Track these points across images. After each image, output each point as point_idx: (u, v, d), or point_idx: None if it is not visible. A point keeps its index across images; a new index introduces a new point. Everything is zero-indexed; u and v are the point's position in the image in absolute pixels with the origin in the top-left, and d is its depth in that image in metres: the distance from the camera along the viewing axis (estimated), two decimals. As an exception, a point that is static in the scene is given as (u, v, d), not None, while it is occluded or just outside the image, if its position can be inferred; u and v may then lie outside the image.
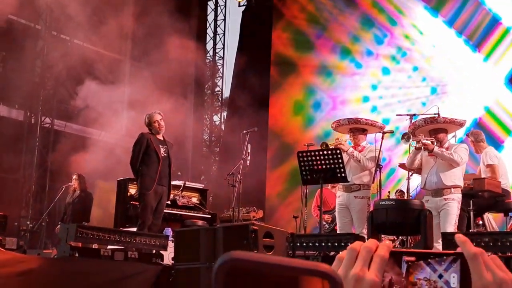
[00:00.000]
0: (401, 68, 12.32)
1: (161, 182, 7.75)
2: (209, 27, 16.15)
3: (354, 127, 7.53)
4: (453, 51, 11.77)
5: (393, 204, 6.18)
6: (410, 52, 12.26)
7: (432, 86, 11.90)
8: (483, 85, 11.27)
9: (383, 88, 12.48)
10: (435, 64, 11.88)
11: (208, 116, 16.18)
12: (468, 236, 4.19)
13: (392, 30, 12.60)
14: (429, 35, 12.12)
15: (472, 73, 11.50)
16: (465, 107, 11.10)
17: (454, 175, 6.75)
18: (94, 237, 6.36)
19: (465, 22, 11.76)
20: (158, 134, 7.91)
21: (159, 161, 7.72)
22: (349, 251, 0.87)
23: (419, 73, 12.08)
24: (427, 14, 12.24)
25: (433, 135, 6.92)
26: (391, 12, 12.65)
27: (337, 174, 6.94)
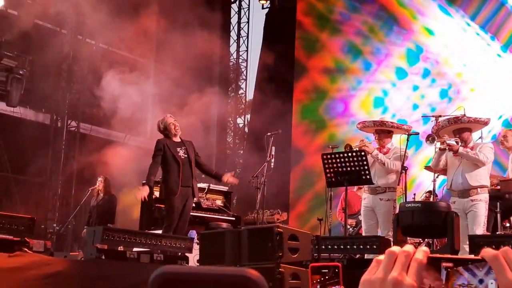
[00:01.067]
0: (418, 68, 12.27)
1: (185, 183, 7.72)
2: (233, 30, 16.19)
3: (380, 129, 7.49)
4: (472, 48, 11.73)
5: (419, 207, 6.14)
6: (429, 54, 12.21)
7: (444, 88, 11.84)
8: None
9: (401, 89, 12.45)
10: (452, 63, 11.82)
11: (232, 119, 16.21)
12: (495, 239, 4.16)
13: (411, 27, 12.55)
14: (444, 35, 12.06)
15: (493, 69, 11.45)
16: (491, 105, 11.04)
17: (480, 175, 6.68)
18: (120, 240, 6.41)
19: (486, 18, 11.69)
20: (175, 137, 7.88)
21: (179, 164, 7.69)
22: (387, 255, 0.88)
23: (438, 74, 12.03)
24: (442, 14, 12.22)
25: (457, 135, 6.86)
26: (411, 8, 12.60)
27: (362, 176, 6.91)
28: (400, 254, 0.87)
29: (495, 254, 0.85)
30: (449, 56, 12.07)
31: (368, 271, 0.89)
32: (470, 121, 6.85)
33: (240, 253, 5.79)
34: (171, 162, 7.68)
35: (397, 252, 0.87)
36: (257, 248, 5.65)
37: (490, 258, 0.85)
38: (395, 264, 0.86)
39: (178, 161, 7.69)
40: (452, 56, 12.02)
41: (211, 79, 14.31)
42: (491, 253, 0.85)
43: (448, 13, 12.18)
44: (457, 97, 11.70)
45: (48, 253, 8.11)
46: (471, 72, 11.81)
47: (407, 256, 0.86)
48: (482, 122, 6.95)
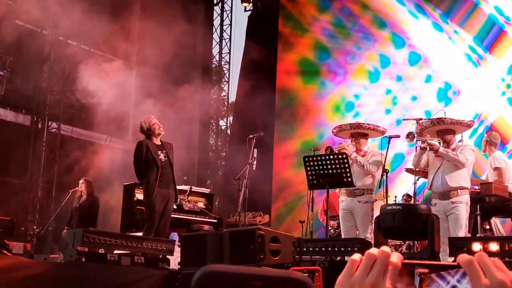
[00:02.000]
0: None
1: (164, 186, 7.74)
2: (215, 32, 16.17)
3: (356, 131, 7.53)
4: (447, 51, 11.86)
5: (399, 209, 6.17)
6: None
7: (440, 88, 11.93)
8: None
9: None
10: (446, 67, 11.93)
11: (214, 121, 16.19)
12: (474, 241, 4.18)
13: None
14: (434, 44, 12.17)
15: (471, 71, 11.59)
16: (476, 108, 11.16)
17: (460, 177, 6.72)
18: (101, 242, 6.38)
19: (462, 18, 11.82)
20: (156, 139, 7.87)
21: (159, 167, 7.71)
22: (367, 257, 0.88)
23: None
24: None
25: (440, 136, 6.91)
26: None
27: (344, 179, 6.93)
28: (380, 257, 0.87)
29: (470, 259, 0.85)
30: (424, 58, 12.18)
31: (344, 272, 0.89)
32: (453, 122, 6.90)
33: (222, 255, 5.78)
34: (151, 165, 7.70)
35: (376, 255, 0.87)
36: (238, 251, 5.65)
37: (464, 264, 0.85)
38: (374, 267, 0.86)
39: (158, 164, 7.70)
40: (427, 58, 12.13)
41: (193, 81, 14.28)
42: (466, 258, 0.86)
43: (424, 13, 12.28)
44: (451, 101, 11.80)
45: (28, 256, 8.07)
46: (446, 75, 11.90)
47: (386, 259, 0.86)
48: (465, 124, 7.01)
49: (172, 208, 8.08)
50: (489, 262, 0.85)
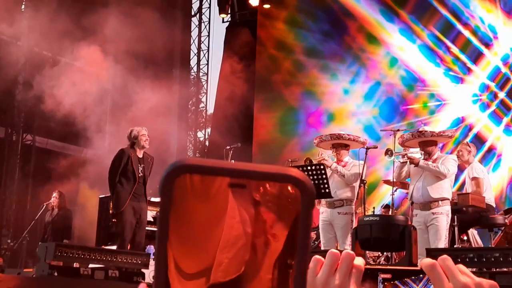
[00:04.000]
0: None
1: (136, 199, 7.56)
2: (193, 43, 16.10)
3: (337, 142, 7.49)
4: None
5: (377, 220, 6.14)
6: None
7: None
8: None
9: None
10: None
11: (192, 132, 16.09)
12: (452, 252, 4.16)
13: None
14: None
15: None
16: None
17: (442, 188, 6.70)
18: (74, 256, 6.26)
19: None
20: (139, 151, 7.72)
21: (135, 180, 7.54)
22: (330, 257, 0.83)
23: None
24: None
25: (421, 147, 6.89)
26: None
27: (321, 190, 6.89)
28: (344, 259, 0.82)
29: (432, 263, 0.82)
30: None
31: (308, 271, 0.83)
32: (434, 135, 6.88)
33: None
34: (129, 177, 7.53)
35: (339, 255, 0.82)
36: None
37: (427, 268, 0.82)
38: (338, 269, 0.82)
39: (135, 178, 7.54)
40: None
41: (171, 93, 14.18)
42: (428, 263, 0.83)
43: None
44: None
45: (0, 270, 7.89)
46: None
47: (350, 261, 0.82)
48: (445, 135, 7.00)
49: (146, 221, 7.89)
50: (453, 266, 0.82)
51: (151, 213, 9.97)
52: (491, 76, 11.41)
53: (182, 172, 0.58)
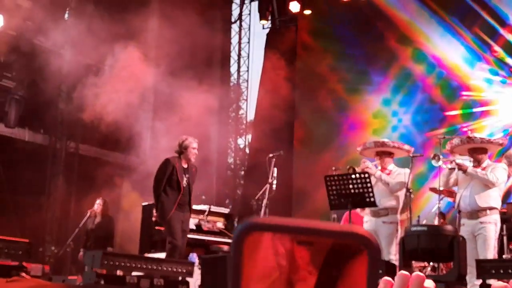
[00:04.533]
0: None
1: (180, 209, 7.53)
2: (233, 50, 16.15)
3: (381, 150, 7.39)
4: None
5: (425, 230, 6.02)
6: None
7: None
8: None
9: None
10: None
11: (232, 139, 16.12)
12: (502, 263, 4.05)
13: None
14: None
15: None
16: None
17: (490, 196, 6.54)
18: (120, 264, 6.30)
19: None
20: (186, 162, 7.69)
21: (180, 190, 7.53)
22: (400, 278, 0.80)
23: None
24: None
25: (471, 154, 6.76)
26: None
27: (366, 198, 6.80)
28: (414, 280, 0.78)
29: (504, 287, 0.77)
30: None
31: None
32: (483, 141, 6.74)
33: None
34: (173, 186, 7.50)
35: (409, 277, 0.79)
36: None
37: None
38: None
39: (180, 188, 7.52)
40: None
41: (211, 99, 14.23)
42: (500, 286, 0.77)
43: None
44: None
45: (46, 278, 7.99)
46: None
47: (420, 283, 0.78)
48: (496, 143, 6.85)
49: (188, 230, 7.89)
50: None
51: (193, 221, 10.01)
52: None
53: (252, 230, 0.62)
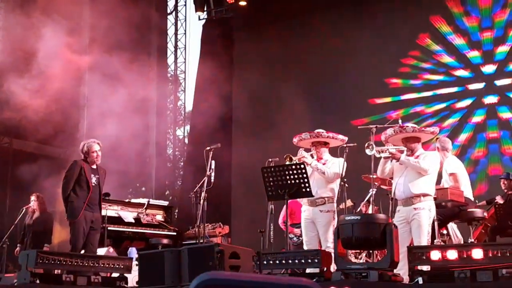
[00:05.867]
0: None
1: (90, 209, 7.69)
2: (170, 41, 16.05)
3: (316, 140, 7.50)
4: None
5: (358, 219, 6.15)
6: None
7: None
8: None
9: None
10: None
11: (171, 131, 16.05)
12: (432, 250, 4.17)
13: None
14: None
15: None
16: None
17: (423, 183, 6.71)
18: (56, 262, 6.23)
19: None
20: (92, 164, 7.90)
21: (89, 190, 7.71)
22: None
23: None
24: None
25: (405, 143, 6.92)
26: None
27: (302, 189, 6.90)
28: None
29: None
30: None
31: None
32: (415, 130, 6.90)
33: (180, 272, 5.69)
34: (83, 186, 7.70)
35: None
36: (197, 268, 5.57)
37: None
38: None
39: (89, 187, 7.70)
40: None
41: (149, 91, 14.13)
42: None
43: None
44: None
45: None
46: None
47: None
48: (428, 131, 7.02)
49: (100, 228, 7.97)
50: None
51: (132, 214, 9.97)
52: None
53: (208, 284, 0.65)
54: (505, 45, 11.54)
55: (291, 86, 13.07)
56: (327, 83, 13.08)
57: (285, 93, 13.26)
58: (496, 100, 11.48)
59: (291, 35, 13.62)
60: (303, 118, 12.47)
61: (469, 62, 11.83)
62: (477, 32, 11.83)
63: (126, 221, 9.76)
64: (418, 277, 5.76)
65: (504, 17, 11.62)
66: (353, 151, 7.36)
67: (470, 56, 11.83)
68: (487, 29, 11.76)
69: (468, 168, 9.14)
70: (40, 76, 10.96)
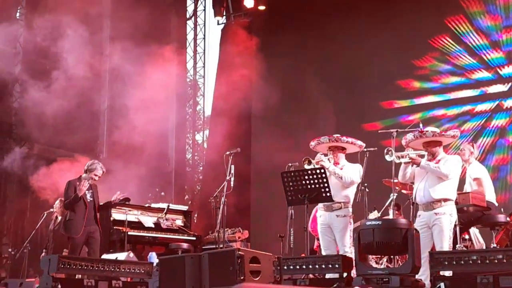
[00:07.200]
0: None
1: (88, 224, 8.14)
2: (189, 46, 16.12)
3: (334, 145, 7.47)
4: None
5: (379, 224, 6.11)
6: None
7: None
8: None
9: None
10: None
11: (190, 135, 16.09)
12: (455, 255, 4.12)
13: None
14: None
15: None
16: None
17: (444, 188, 6.66)
18: (77, 267, 6.26)
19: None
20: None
21: (86, 206, 8.15)
22: None
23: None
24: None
25: (425, 147, 6.88)
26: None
27: (322, 193, 6.89)
28: None
29: None
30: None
31: None
32: (435, 135, 6.85)
33: (201, 278, 5.68)
34: (80, 204, 8.14)
35: None
36: (218, 273, 5.55)
37: None
38: None
39: (86, 204, 8.15)
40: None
41: (168, 96, 14.18)
42: None
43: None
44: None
45: (2, 284, 7.87)
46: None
47: None
48: (448, 135, 6.96)
49: (99, 241, 8.30)
50: None
51: (152, 219, 10.00)
52: None
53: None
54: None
55: (310, 91, 13.04)
56: (347, 88, 13.04)
57: (304, 98, 13.25)
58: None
59: (310, 39, 13.60)
60: (323, 124, 12.46)
61: (489, 64, 11.73)
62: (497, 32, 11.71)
63: (146, 226, 9.79)
64: (440, 282, 5.71)
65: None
66: (373, 155, 7.33)
67: (491, 58, 11.72)
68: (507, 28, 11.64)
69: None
70: (59, 80, 11.06)
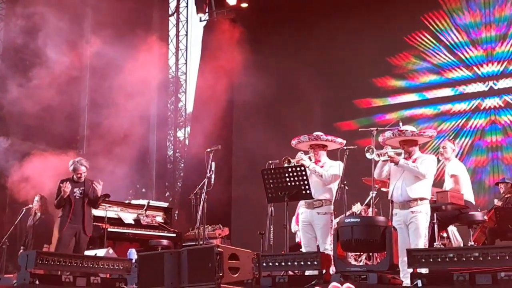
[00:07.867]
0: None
1: (74, 221, 8.30)
2: (171, 43, 16.08)
3: (315, 143, 7.51)
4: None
5: (358, 222, 6.17)
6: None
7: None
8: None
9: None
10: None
11: (172, 132, 16.06)
12: (432, 252, 4.18)
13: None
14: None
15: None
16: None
17: (421, 187, 6.73)
18: (55, 263, 6.24)
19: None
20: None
21: (71, 203, 8.34)
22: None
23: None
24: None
25: (402, 146, 6.93)
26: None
27: (302, 191, 6.93)
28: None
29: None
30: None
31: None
32: (414, 134, 6.91)
33: (180, 274, 5.68)
34: (67, 201, 8.34)
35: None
36: (197, 269, 5.56)
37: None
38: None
39: (71, 201, 8.31)
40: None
41: (150, 92, 14.14)
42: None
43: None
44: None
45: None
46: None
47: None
48: (426, 136, 7.04)
49: (85, 239, 8.42)
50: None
51: (132, 215, 9.98)
52: None
53: None
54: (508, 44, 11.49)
55: (292, 89, 13.07)
56: (324, 87, 13.08)
57: (286, 96, 13.27)
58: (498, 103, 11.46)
59: (292, 37, 13.63)
60: (304, 121, 12.48)
61: (467, 62, 11.83)
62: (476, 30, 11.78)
63: (126, 222, 9.77)
64: (417, 279, 5.77)
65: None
66: (353, 154, 7.37)
67: (469, 56, 11.81)
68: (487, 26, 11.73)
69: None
70: (40, 74, 11.01)
